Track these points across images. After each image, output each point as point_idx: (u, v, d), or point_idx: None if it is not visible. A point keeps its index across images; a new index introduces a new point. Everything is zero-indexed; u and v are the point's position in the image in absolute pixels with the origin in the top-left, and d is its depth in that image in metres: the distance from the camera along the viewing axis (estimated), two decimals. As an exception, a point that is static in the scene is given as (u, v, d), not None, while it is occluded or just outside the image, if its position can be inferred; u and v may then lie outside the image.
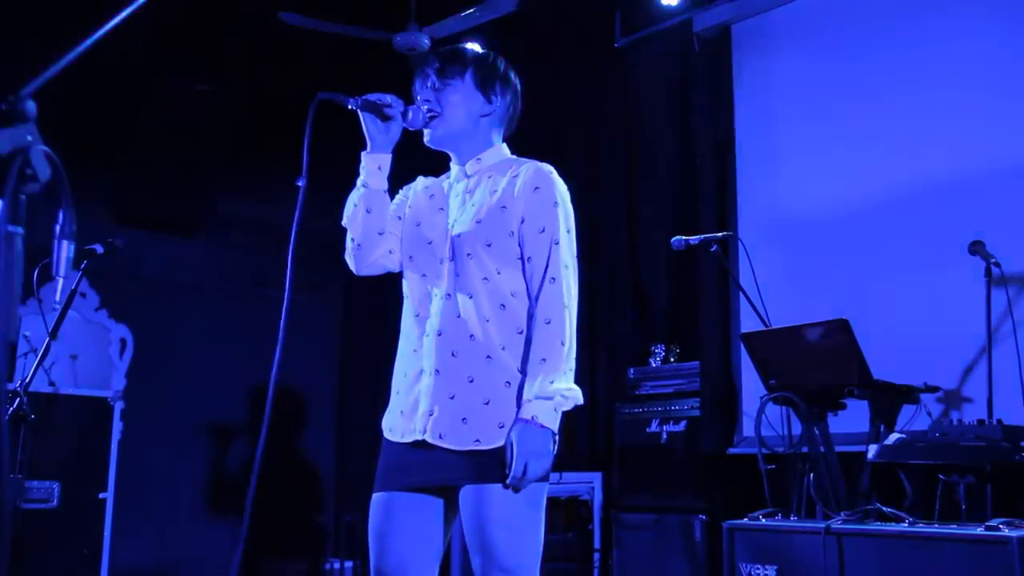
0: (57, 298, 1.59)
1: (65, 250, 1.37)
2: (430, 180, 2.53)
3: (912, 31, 4.83)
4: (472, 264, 2.27)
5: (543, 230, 2.28)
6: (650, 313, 5.89)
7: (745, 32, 5.62)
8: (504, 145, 2.51)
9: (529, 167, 2.37)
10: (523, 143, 2.61)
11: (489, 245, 2.27)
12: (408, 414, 2.29)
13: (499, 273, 2.27)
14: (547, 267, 2.26)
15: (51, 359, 4.50)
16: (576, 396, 2.22)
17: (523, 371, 2.23)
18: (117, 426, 5.30)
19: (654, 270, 5.88)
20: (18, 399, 3.65)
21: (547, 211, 2.29)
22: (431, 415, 2.23)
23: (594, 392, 5.95)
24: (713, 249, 4.45)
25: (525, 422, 2.15)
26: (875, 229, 4.80)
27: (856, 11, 5.08)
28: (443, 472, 2.21)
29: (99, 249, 3.95)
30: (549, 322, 2.22)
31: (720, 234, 4.61)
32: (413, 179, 2.55)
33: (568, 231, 2.32)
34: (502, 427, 2.18)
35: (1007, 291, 3.99)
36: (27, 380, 3.71)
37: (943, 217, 4.54)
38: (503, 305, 2.26)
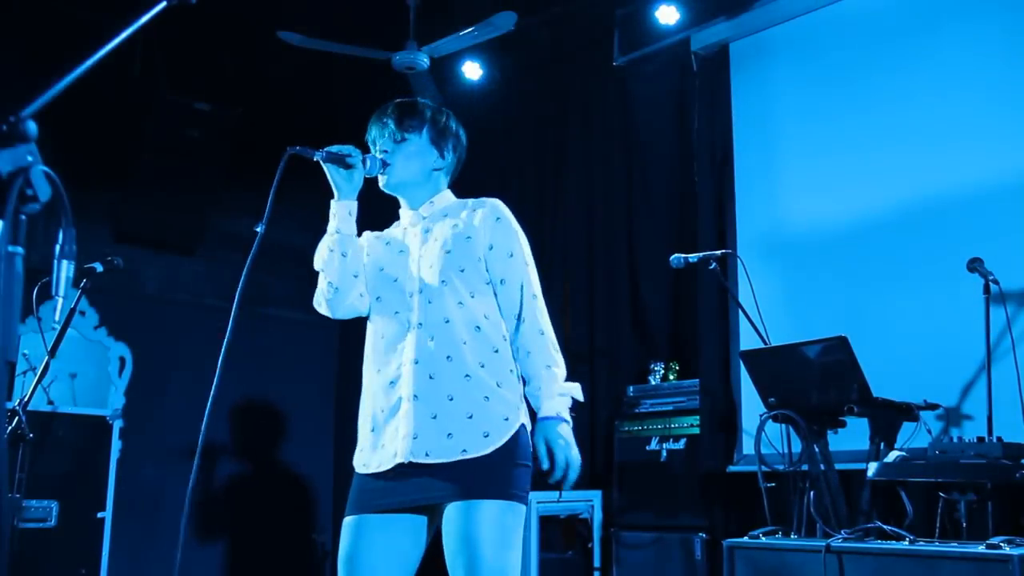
0: (56, 317, 1.58)
1: (65, 269, 1.37)
2: (379, 232, 2.67)
3: (910, 49, 4.85)
4: (447, 291, 2.41)
5: (512, 255, 2.48)
6: (649, 331, 5.88)
7: (743, 51, 5.63)
8: (449, 190, 2.66)
9: (486, 202, 2.54)
10: (523, 160, 2.64)
11: (462, 271, 2.43)
12: (389, 446, 2.34)
13: (472, 297, 2.43)
14: (525, 286, 2.48)
15: (50, 377, 4.49)
16: (579, 392, 2.43)
17: (501, 385, 2.37)
18: (116, 445, 5.29)
19: (653, 288, 5.87)
20: (17, 417, 3.64)
21: (512, 238, 2.50)
22: (414, 438, 2.30)
23: (593, 410, 5.93)
24: (712, 267, 4.45)
25: (552, 419, 2.35)
26: (874, 246, 4.80)
27: (854, 29, 5.10)
28: (426, 491, 2.28)
29: (98, 267, 3.96)
30: (542, 332, 2.44)
31: (719, 252, 4.61)
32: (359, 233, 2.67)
33: (530, 255, 2.53)
34: (487, 436, 2.29)
35: (1006, 308, 3.99)
36: (26, 398, 3.71)
37: (942, 234, 4.54)
38: (478, 327, 2.41)
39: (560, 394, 2.37)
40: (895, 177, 4.77)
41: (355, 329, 2.61)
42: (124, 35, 1.55)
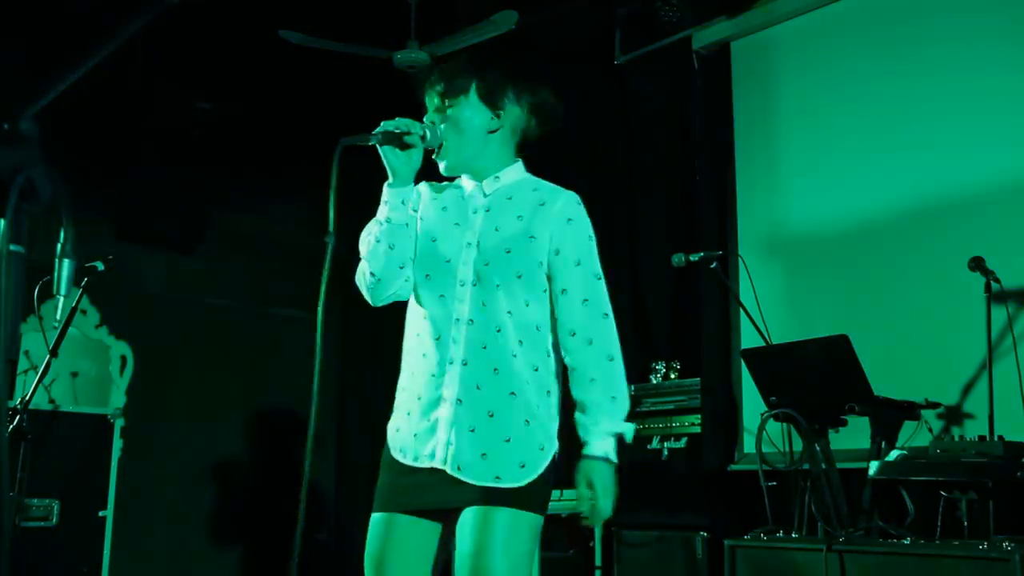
0: (57, 316, 1.58)
1: (66, 268, 1.37)
2: (438, 187, 2.42)
3: (911, 48, 4.84)
4: (501, 295, 2.20)
5: (579, 263, 2.27)
6: (651, 330, 5.87)
7: (744, 50, 5.63)
8: (520, 162, 2.42)
9: (559, 196, 2.33)
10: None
11: (519, 277, 2.22)
12: (422, 438, 2.21)
13: (527, 305, 2.23)
14: (592, 301, 2.25)
15: (51, 376, 4.50)
16: (631, 433, 2.23)
17: (539, 407, 2.21)
18: (117, 443, 5.29)
19: (654, 287, 5.87)
20: (18, 416, 3.65)
21: (583, 245, 2.29)
22: (450, 445, 2.17)
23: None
24: (713, 266, 4.45)
25: (601, 460, 2.17)
26: (875, 245, 4.80)
27: (855, 29, 5.09)
28: (449, 494, 2.16)
29: (100, 266, 3.96)
30: (611, 359, 2.22)
31: (720, 251, 4.61)
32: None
33: (599, 265, 2.32)
34: (523, 467, 2.15)
35: (1007, 307, 3.98)
36: (27, 397, 3.72)
37: (943, 233, 4.54)
38: (523, 341, 2.21)
39: (615, 433, 2.18)
40: (897, 175, 4.76)
41: (356, 328, 2.58)
42: (124, 35, 1.55)
